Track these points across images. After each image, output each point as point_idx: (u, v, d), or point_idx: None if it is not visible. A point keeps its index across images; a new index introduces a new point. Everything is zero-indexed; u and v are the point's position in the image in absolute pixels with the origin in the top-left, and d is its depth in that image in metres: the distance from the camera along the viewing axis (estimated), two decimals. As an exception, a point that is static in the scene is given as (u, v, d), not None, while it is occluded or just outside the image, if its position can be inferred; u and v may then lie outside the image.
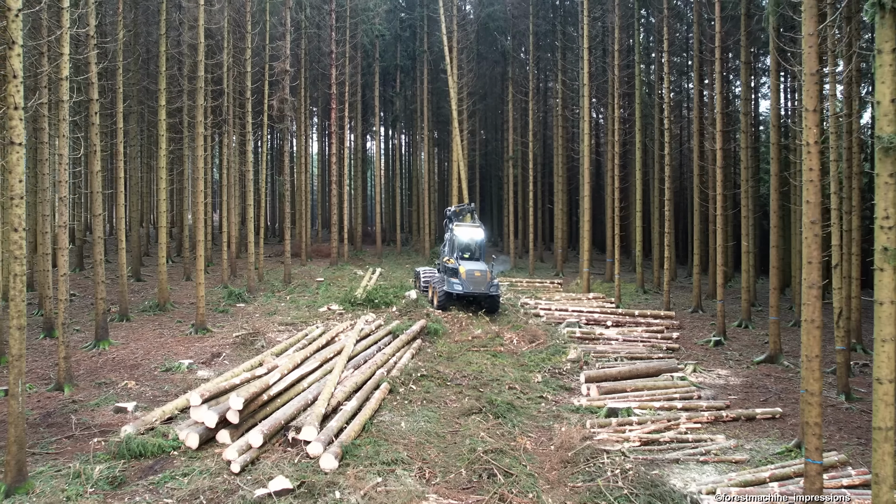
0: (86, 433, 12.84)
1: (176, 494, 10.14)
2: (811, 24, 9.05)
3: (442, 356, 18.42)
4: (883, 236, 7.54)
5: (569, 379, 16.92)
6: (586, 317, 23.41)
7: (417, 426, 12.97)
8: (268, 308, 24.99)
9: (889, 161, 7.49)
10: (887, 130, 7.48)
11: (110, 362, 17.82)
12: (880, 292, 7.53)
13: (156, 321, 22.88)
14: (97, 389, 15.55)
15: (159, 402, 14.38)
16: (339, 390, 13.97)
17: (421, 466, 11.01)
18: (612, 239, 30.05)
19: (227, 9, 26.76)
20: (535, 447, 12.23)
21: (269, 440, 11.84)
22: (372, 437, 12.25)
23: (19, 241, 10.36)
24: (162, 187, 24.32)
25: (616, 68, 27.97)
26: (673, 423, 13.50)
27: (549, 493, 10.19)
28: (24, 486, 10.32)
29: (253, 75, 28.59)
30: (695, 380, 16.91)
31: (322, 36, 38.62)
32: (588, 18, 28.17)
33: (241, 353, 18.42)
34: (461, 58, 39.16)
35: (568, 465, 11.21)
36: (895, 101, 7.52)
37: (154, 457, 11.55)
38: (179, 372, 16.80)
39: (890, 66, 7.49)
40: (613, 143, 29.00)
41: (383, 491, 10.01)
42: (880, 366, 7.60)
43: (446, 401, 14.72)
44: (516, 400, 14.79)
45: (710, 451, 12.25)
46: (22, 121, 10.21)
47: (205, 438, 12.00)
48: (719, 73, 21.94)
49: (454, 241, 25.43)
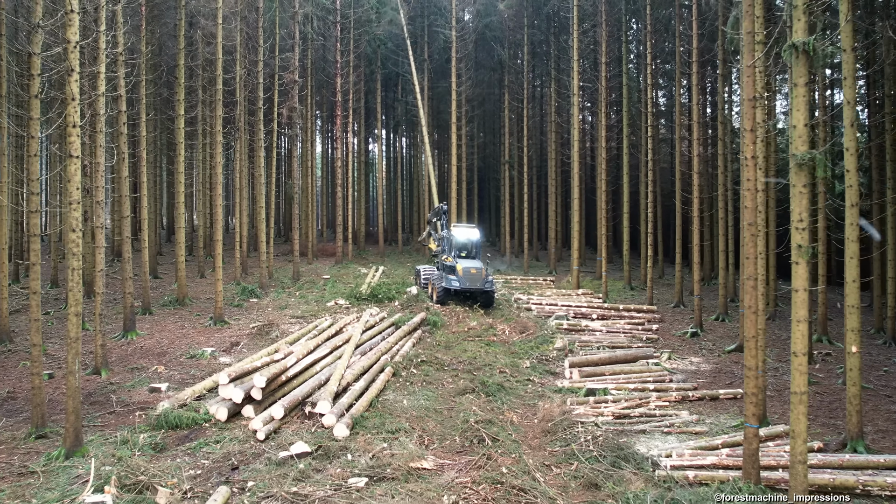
0: (126, 409, 14.43)
1: (211, 457, 11.73)
2: (748, 58, 10.63)
3: (440, 345, 20.00)
4: (797, 236, 9.11)
5: (554, 365, 18.51)
6: (574, 311, 24.98)
7: (418, 403, 14.57)
8: (279, 303, 26.58)
9: (802, 174, 9.07)
10: (801, 149, 9.05)
11: (139, 350, 19.41)
12: (795, 282, 9.11)
13: (176, 314, 24.47)
14: (130, 374, 17.14)
15: (188, 384, 15.96)
16: (348, 373, 15.54)
17: (420, 435, 12.60)
18: (602, 239, 31.63)
19: (240, 23, 28.32)
20: (520, 420, 13.83)
21: (288, 413, 13.44)
22: (378, 412, 13.84)
23: (76, 240, 11.95)
24: (180, 191, 25.88)
25: (604, 79, 29.55)
26: (643, 401, 15.07)
27: (530, 455, 11.77)
28: (80, 450, 11.90)
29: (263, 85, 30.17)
30: (669, 366, 18.50)
31: (327, 46, 40.17)
32: (578, 32, 29.76)
33: (258, 343, 20.00)
34: (460, 66, 40.70)
35: (547, 434, 12.80)
36: (808, 126, 9.10)
37: (189, 428, 13.15)
38: (203, 358, 18.39)
39: (803, 97, 9.05)
40: (602, 149, 30.57)
41: (388, 454, 11.59)
42: (796, 341, 9.18)
43: (443, 382, 16.31)
44: (506, 382, 16.38)
45: (674, 424, 13.82)
46: (79, 137, 11.80)
47: (232, 412, 13.58)
48: (696, 86, 23.51)
49: (452, 241, 27.02)
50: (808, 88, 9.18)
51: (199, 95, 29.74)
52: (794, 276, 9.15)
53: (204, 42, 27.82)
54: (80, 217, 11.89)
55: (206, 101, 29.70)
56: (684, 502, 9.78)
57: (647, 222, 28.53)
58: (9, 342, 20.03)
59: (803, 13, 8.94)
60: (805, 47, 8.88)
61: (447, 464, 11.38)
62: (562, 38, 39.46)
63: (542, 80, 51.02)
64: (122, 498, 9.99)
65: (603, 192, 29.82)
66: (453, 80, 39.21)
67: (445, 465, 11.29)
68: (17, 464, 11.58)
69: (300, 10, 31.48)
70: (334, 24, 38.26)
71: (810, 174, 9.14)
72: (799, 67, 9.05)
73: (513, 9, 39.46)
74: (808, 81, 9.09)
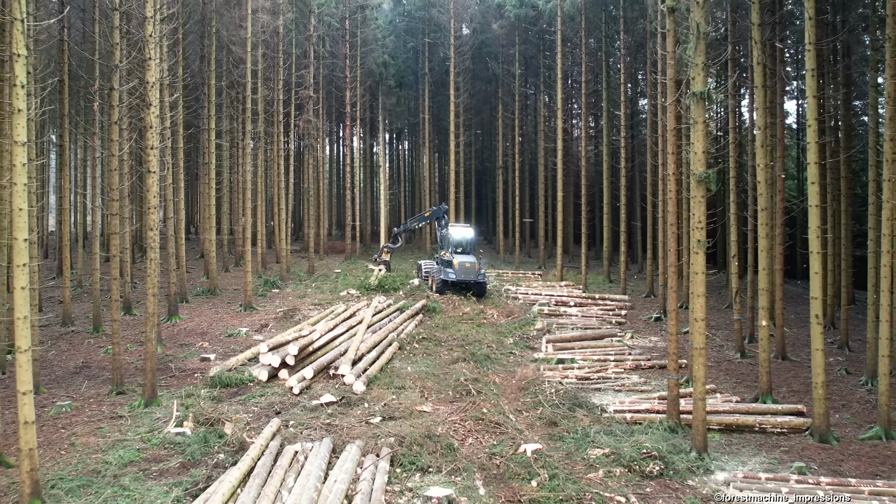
0: (183, 374, 17.46)
1: (258, 405, 14.77)
2: (670, 96, 13.63)
3: (438, 326, 23.02)
4: (697, 234, 12.12)
5: (534, 342, 21.53)
6: (556, 299, 27.99)
7: (419, 369, 17.60)
8: (298, 293, 29.62)
9: (700, 188, 12.08)
10: (699, 169, 12.05)
11: (184, 331, 22.44)
12: (694, 266, 12.13)
13: (209, 302, 27.49)
14: (180, 348, 20.16)
15: (230, 355, 18.97)
16: (362, 346, 18.56)
17: (421, 389, 15.65)
18: (583, 237, 34.64)
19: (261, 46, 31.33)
20: (501, 381, 16.86)
21: (316, 374, 16.47)
22: (387, 374, 16.88)
23: (154, 237, 14.97)
24: (211, 195, 28.90)
25: (584, 96, 32.57)
26: (602, 368, 18.10)
27: (507, 403, 14.81)
28: (155, 401, 14.93)
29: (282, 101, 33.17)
30: (630, 343, 21.52)
31: (337, 63, 43.10)
32: (561, 55, 32.77)
33: (284, 325, 23.01)
34: (458, 80, 43.65)
35: (522, 390, 15.82)
36: (706, 153, 12.11)
37: (237, 386, 16.18)
38: (240, 336, 21.43)
39: (701, 132, 12.06)
40: (584, 157, 33.59)
41: (396, 402, 14.63)
42: (695, 310, 12.20)
43: (440, 354, 19.34)
44: (492, 354, 19.42)
45: (624, 385, 16.85)
46: (157, 157, 14.82)
47: (271, 375, 16.62)
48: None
49: (449, 239, 30.06)
50: (705, 124, 12.14)
51: (224, 110, 32.71)
52: (694, 262, 12.17)
53: (229, 64, 30.78)
54: (156, 219, 14.92)
55: (232, 116, 32.66)
56: (618, 432, 12.82)
57: (620, 222, 31.50)
58: (70, 324, 23.05)
59: (701, 70, 11.95)
60: (701, 95, 11.90)
61: (441, 408, 14.42)
62: (549, 57, 42.41)
63: (533, 90, 53.99)
64: (198, 430, 13.02)
65: (584, 195, 32.83)
66: (451, 92, 42.21)
67: (440, 409, 14.34)
68: (108, 411, 14.62)
69: (314, 33, 34.47)
70: (344, 43, 41.24)
71: (706, 188, 12.15)
72: (698, 109, 12.07)
73: (505, 28, 42.41)
74: (704, 119, 12.09)
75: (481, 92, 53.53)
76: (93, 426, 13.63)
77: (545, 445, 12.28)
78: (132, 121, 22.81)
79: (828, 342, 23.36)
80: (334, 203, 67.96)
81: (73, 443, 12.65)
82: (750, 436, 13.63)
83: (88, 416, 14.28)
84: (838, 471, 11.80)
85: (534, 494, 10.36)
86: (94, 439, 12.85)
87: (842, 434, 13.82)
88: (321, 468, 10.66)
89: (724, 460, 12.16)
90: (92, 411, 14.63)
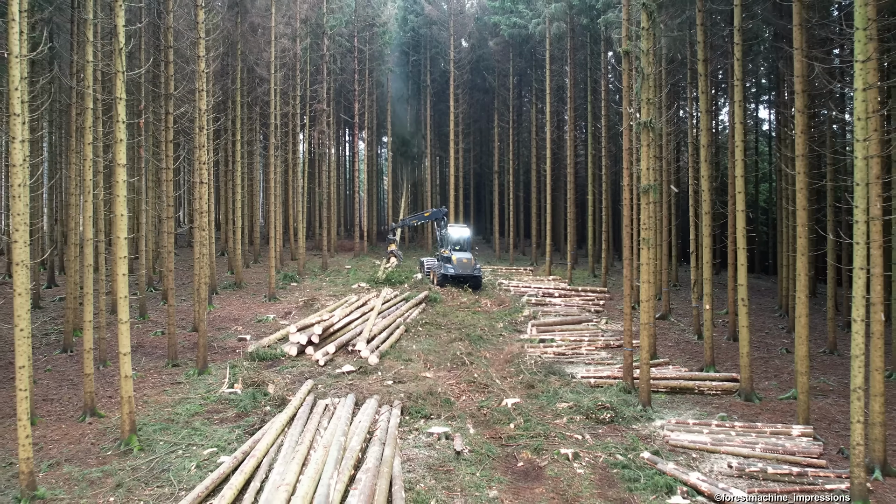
0: (225, 351, 20.28)
1: (291, 373, 17.60)
2: (625, 122, 16.42)
3: (439, 313, 25.80)
4: (644, 232, 14.92)
5: (521, 326, 24.33)
6: (543, 291, 30.78)
7: (422, 346, 20.42)
8: (314, 286, 32.43)
9: (646, 197, 14.88)
10: (644, 182, 14.84)
11: (219, 318, 25.25)
12: (643, 258, 14.93)
13: (236, 294, 30.30)
14: (219, 332, 22.97)
15: (263, 336, 21.77)
16: (374, 328, 21.37)
17: (424, 361, 18.47)
18: (570, 236, 37.44)
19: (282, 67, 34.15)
20: (491, 356, 19.68)
21: (337, 350, 19.30)
22: (396, 351, 19.70)
23: (204, 237, 17.78)
24: (238, 197, 31.72)
25: (570, 110, 35.34)
26: (577, 346, 20.91)
27: (494, 372, 17.63)
28: (206, 371, 17.74)
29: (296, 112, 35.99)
30: (604, 327, 24.31)
31: (346, 77, 45.88)
32: (549, 73, 35.57)
33: (305, 312, 25.81)
34: (457, 92, 46.45)
35: (507, 363, 18.63)
36: (649, 168, 14.91)
37: (272, 360, 18.99)
38: (268, 322, 24.25)
39: (646, 154, 14.84)
40: (570, 165, 36.35)
41: (404, 370, 17.45)
42: (644, 293, 15.00)
43: (440, 335, 22.15)
44: (484, 335, 22.23)
45: (594, 359, 19.65)
46: (208, 171, 17.62)
47: (300, 351, 19.44)
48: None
49: (448, 238, 32.87)
50: (650, 148, 14.93)
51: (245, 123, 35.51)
52: (643, 255, 14.97)
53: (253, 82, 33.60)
54: (206, 222, 17.73)
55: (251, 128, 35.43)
56: (581, 391, 15.64)
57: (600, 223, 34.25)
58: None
59: (646, 104, 14.75)
60: (646, 124, 14.71)
61: (441, 375, 17.26)
62: (539, 72, 45.18)
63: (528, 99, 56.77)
64: (246, 390, 15.86)
65: (570, 199, 35.62)
66: (451, 104, 45.02)
67: (440, 375, 17.18)
68: (168, 379, 17.45)
69: (327, 52, 37.26)
70: (352, 59, 44.03)
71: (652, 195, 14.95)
72: (644, 136, 14.87)
73: (500, 45, 45.18)
74: (649, 144, 14.88)
75: (479, 102, 56.31)
76: (159, 389, 16.48)
77: (523, 401, 15.10)
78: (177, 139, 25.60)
79: (779, 328, 26.24)
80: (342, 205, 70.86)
81: (146, 401, 15.49)
82: (690, 396, 16.45)
83: (153, 383, 17.12)
84: (754, 420, 14.60)
85: (511, 433, 13.18)
86: (164, 397, 15.70)
87: (766, 396, 16.63)
88: (348, 414, 13.49)
89: (664, 412, 14.97)
90: (155, 379, 17.47)
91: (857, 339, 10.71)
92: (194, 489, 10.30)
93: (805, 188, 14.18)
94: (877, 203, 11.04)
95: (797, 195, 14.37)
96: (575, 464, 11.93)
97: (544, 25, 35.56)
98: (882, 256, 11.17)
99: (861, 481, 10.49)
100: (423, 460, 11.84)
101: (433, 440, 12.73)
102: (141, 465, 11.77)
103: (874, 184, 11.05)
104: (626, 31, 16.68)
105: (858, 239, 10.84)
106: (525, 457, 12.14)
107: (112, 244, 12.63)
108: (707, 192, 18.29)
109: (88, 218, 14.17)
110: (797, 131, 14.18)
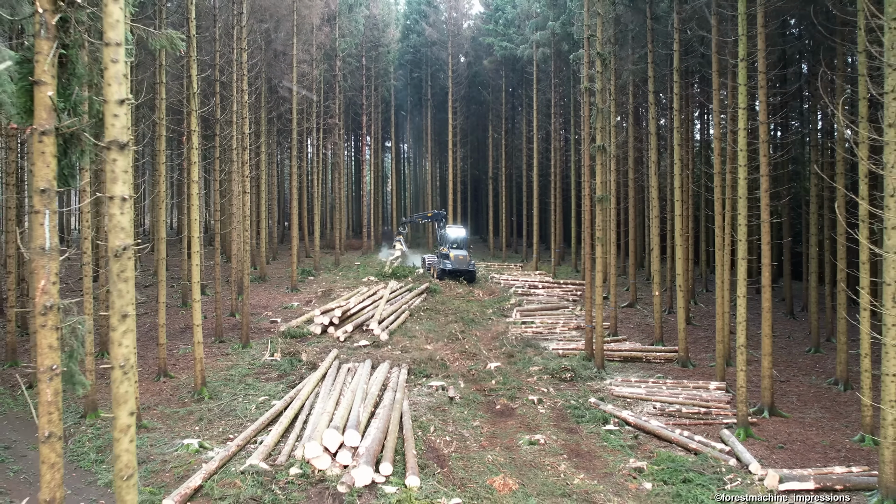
0: (260, 331, 23.73)
1: (317, 347, 21.05)
2: (586, 143, 19.86)
3: (438, 302, 29.26)
4: (598, 232, 18.36)
5: (507, 312, 27.77)
6: (529, 283, 34.22)
7: (424, 327, 23.89)
8: (329, 279, 35.90)
9: (600, 207, 18.33)
10: (599, 192, 18.29)
11: (251, 305, 28.64)
12: (597, 253, 18.37)
13: (262, 286, 33.75)
14: (253, 316, 26.38)
15: (290, 319, 25.21)
16: (384, 312, 24.82)
17: (426, 338, 21.95)
18: (555, 235, 40.91)
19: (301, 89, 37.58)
20: (480, 334, 23.15)
21: (354, 330, 22.77)
22: (402, 330, 23.16)
23: (246, 238, 21.21)
24: (262, 203, 35.15)
25: (554, 124, 38.77)
26: (553, 327, 24.35)
27: (482, 345, 21.10)
28: (249, 345, 21.20)
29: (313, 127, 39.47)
30: (578, 313, 27.76)
31: (354, 93, 49.35)
32: (536, 91, 39.00)
33: (324, 300, 29.23)
34: (455, 105, 49.88)
35: (493, 339, 22.10)
36: (603, 182, 18.37)
37: (300, 338, 22.44)
38: (293, 308, 27.72)
39: (600, 170, 18.28)
40: (558, 173, 39.81)
41: (409, 344, 20.93)
42: (597, 280, 18.44)
43: (439, 319, 25.62)
44: (476, 319, 25.69)
45: (566, 337, 23.10)
46: (248, 182, 21.05)
47: (323, 330, 22.91)
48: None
49: (446, 237, 36.35)
50: (603, 166, 18.37)
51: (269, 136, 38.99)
52: (597, 251, 18.41)
53: (276, 101, 37.05)
54: (245, 227, 21.18)
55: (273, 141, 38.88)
56: (550, 358, 19.11)
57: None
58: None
59: (599, 132, 18.21)
60: (600, 147, 18.17)
61: (439, 347, 20.74)
62: (528, 89, 48.66)
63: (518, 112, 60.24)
64: (284, 358, 19.33)
65: (554, 203, 39.07)
66: (450, 116, 48.50)
67: (438, 347, 20.67)
68: (217, 352, 20.90)
69: (340, 72, 40.74)
70: (360, 76, 47.51)
71: (605, 203, 18.39)
72: (599, 156, 18.32)
73: (493, 64, 48.62)
74: (602, 162, 18.30)
75: (475, 113, 59.77)
76: (212, 359, 19.94)
77: (503, 365, 18.57)
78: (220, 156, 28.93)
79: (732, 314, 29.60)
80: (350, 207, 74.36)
81: (206, 366, 18.94)
82: (639, 364, 19.91)
83: (207, 354, 20.53)
84: (685, 380, 18.05)
85: (492, 387, 16.65)
86: (218, 363, 19.17)
87: (700, 364, 20.08)
88: (367, 372, 16.97)
89: (615, 375, 18.43)
90: (207, 352, 20.88)
91: (741, 310, 14.17)
92: (258, 419, 13.78)
93: (722, 197, 17.64)
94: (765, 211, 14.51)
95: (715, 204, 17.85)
96: (539, 407, 15.41)
97: (531, 50, 39.01)
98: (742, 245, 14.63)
99: (743, 414, 13.96)
100: (425, 403, 15.33)
101: (433, 391, 16.20)
102: (213, 407, 15.25)
103: (763, 196, 14.50)
104: (587, 72, 20.14)
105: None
106: (502, 402, 15.61)
107: (187, 242, 16.06)
108: (656, 200, 21.75)
109: (162, 221, 17.61)
110: (715, 154, 17.64)
